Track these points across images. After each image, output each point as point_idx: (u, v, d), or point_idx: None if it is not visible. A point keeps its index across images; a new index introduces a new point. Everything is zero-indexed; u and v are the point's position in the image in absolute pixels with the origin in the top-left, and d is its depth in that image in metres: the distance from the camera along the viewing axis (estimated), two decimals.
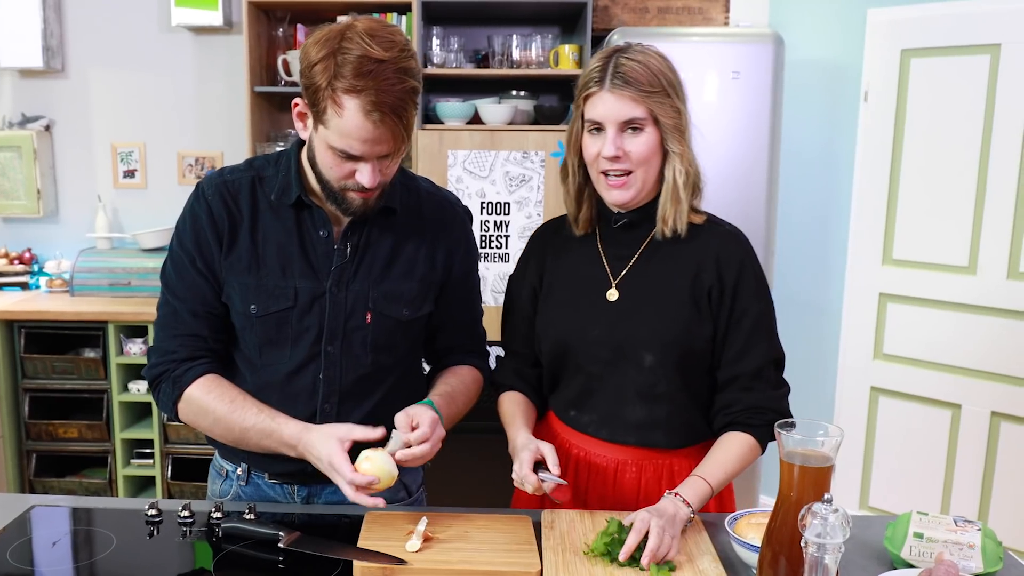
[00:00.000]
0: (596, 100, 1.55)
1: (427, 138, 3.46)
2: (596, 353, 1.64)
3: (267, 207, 1.60)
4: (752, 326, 1.60)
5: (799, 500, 1.20)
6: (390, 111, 1.39)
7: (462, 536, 1.48)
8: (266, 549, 1.46)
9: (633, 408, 1.64)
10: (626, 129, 1.54)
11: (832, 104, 3.73)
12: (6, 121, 3.98)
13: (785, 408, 1.62)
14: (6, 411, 3.61)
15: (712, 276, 1.60)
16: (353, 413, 1.63)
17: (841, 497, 3.78)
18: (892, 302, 3.62)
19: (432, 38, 3.59)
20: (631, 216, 1.64)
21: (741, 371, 1.60)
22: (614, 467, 1.67)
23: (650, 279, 1.63)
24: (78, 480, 3.71)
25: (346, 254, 1.59)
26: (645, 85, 1.51)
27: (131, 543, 1.51)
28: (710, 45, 3.29)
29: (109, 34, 3.96)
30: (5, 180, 3.95)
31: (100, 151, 4.05)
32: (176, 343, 1.61)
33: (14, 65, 3.85)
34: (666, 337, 1.59)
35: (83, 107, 4.03)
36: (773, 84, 3.29)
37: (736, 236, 1.65)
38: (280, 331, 1.59)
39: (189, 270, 1.59)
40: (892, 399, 3.65)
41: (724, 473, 1.55)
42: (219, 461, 1.75)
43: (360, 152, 1.43)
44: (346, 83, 1.37)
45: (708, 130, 3.22)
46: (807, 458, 1.22)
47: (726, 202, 3.29)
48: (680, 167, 1.57)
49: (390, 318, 1.62)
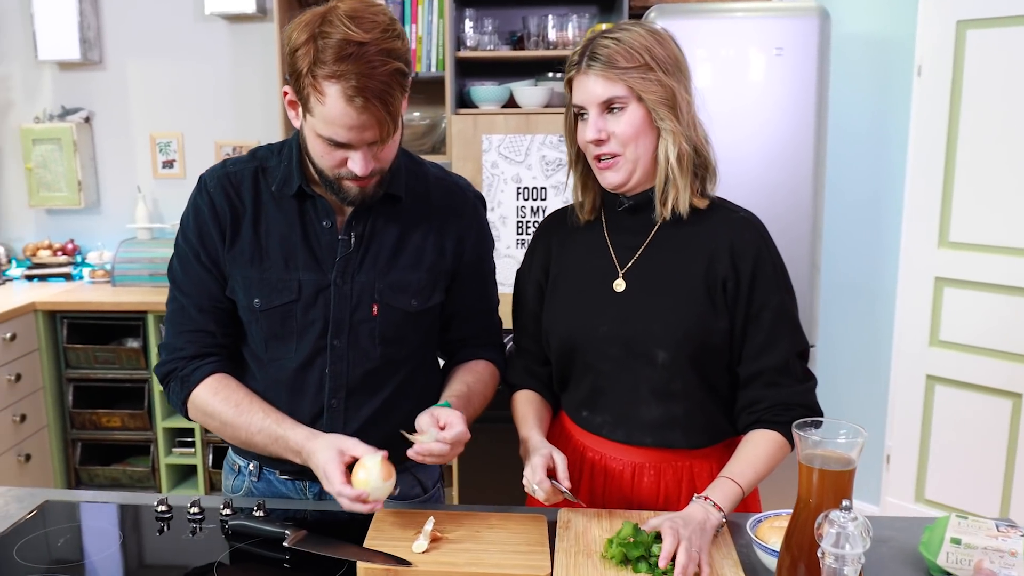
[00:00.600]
0: (577, 84, 1.50)
1: (461, 123, 3.40)
2: (605, 350, 1.55)
3: (270, 198, 1.55)
4: (773, 318, 1.50)
5: (818, 506, 1.12)
6: (373, 96, 1.32)
7: (472, 536, 1.42)
8: (273, 547, 1.42)
9: (648, 407, 1.55)
10: (608, 110, 1.48)
11: (883, 80, 3.57)
12: (47, 114, 4.01)
13: (813, 402, 1.52)
14: (51, 400, 3.65)
15: (726, 267, 1.50)
16: (362, 408, 1.58)
17: (895, 490, 3.64)
18: (949, 286, 3.46)
19: (465, 20, 3.52)
20: (633, 200, 1.55)
21: (765, 366, 1.50)
22: (631, 470, 1.58)
23: (659, 268, 1.54)
24: (122, 468, 3.74)
25: (350, 244, 1.54)
26: (622, 62, 1.44)
27: (138, 539, 1.50)
28: (752, 21, 3.16)
29: (145, 24, 3.96)
30: (47, 172, 3.98)
31: (139, 142, 4.06)
32: (183, 340, 1.58)
33: (53, 58, 3.87)
34: (679, 332, 1.50)
35: (121, 98, 4.04)
36: (819, 60, 3.14)
37: (750, 222, 1.55)
38: (284, 325, 1.55)
39: (194, 264, 1.56)
40: (949, 388, 3.49)
41: (754, 473, 1.46)
42: (232, 456, 1.71)
43: (346, 139, 1.37)
44: (327, 69, 1.31)
45: (751, 109, 3.18)
46: (827, 460, 1.13)
47: (771, 183, 3.18)
48: (672, 145, 1.48)
49: (398, 310, 1.56)
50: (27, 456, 3.49)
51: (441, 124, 3.63)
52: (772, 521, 1.38)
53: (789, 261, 3.12)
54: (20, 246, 4.13)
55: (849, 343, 3.77)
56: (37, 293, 3.72)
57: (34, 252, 4.02)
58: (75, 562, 1.40)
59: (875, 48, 3.58)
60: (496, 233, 3.42)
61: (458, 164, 3.41)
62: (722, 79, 3.15)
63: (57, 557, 1.42)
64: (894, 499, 3.66)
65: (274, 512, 1.54)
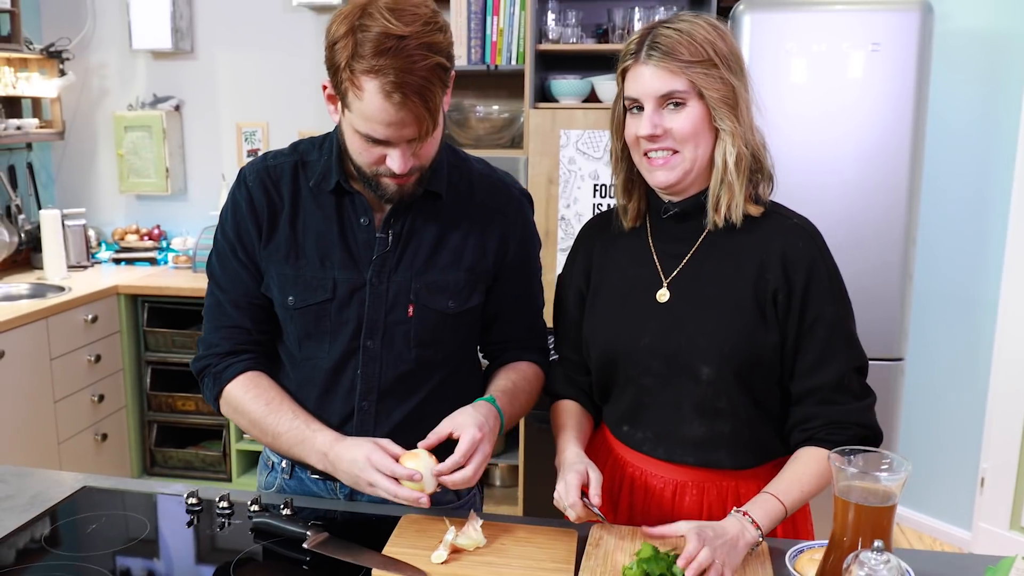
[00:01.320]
0: (632, 75, 1.39)
1: (539, 117, 3.32)
2: (647, 364, 1.46)
3: (308, 193, 1.51)
4: (828, 333, 1.39)
5: (852, 545, 1.01)
6: (412, 92, 1.26)
7: (497, 549, 1.35)
8: (294, 547, 1.39)
9: (691, 425, 1.45)
10: (666, 104, 1.37)
11: (991, 78, 3.34)
12: (139, 102, 4.11)
13: (871, 421, 1.40)
14: (130, 382, 3.74)
15: (778, 277, 1.39)
16: (394, 412, 1.52)
17: (989, 516, 3.42)
18: None
19: (547, 13, 3.44)
20: (682, 205, 1.45)
21: (820, 383, 1.39)
22: (672, 488, 1.49)
23: (706, 279, 1.44)
24: (195, 452, 3.80)
25: (388, 243, 1.49)
26: (686, 55, 1.34)
27: (164, 531, 1.48)
28: (848, 14, 2.98)
29: (234, 15, 4.01)
30: (137, 159, 4.07)
31: (226, 130, 4.12)
32: (219, 335, 1.56)
33: (146, 47, 3.96)
34: (725, 347, 1.39)
35: (210, 87, 4.11)
36: (919, 57, 2.95)
37: (804, 230, 1.44)
38: (318, 324, 1.50)
39: (231, 260, 1.53)
40: None
41: (800, 492, 1.35)
42: (267, 452, 1.68)
43: (384, 136, 1.32)
44: (365, 63, 1.25)
45: (845, 107, 3.01)
46: (865, 494, 1.02)
47: (864, 185, 3.01)
48: (731, 147, 1.37)
49: (434, 311, 1.50)
50: (104, 435, 3.58)
51: (520, 118, 3.56)
52: (814, 552, 1.26)
53: (879, 267, 3.02)
54: (110, 230, 4.24)
55: (944, 357, 3.55)
56: (122, 277, 3.81)
57: (122, 236, 4.12)
58: (99, 551, 1.39)
59: (984, 44, 3.35)
60: (571, 230, 3.34)
61: (535, 159, 3.34)
62: (814, 75, 2.99)
63: (82, 544, 1.41)
64: (987, 525, 3.43)
65: (304, 511, 1.51)
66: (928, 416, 3.60)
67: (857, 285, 3.00)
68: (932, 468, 3.64)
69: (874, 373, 3.03)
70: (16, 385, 3.14)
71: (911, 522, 3.70)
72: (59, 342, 3.33)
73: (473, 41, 3.45)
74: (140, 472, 3.83)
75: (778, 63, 3.01)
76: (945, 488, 3.60)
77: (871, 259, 3.06)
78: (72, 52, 4.03)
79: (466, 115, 3.58)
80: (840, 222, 3.04)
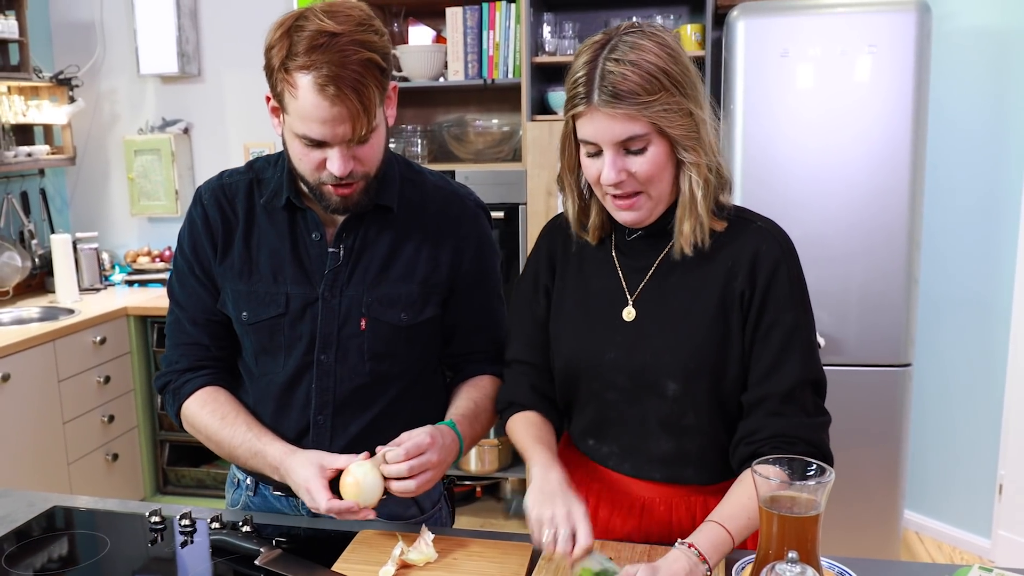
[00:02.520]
0: (585, 120, 1.28)
1: (536, 129, 3.32)
2: (612, 379, 1.41)
3: (262, 210, 1.53)
4: (784, 339, 1.32)
5: (778, 555, 0.98)
6: (346, 86, 1.27)
7: (448, 564, 1.34)
8: (251, 564, 1.38)
9: (657, 441, 1.41)
10: (627, 147, 1.28)
11: (997, 77, 3.28)
12: (149, 125, 4.17)
13: (821, 440, 1.32)
14: (141, 403, 3.78)
15: (744, 279, 1.34)
16: (350, 426, 1.52)
17: (1008, 523, 3.33)
18: None
19: (543, 25, 3.44)
20: (648, 229, 1.39)
21: (769, 392, 1.32)
22: (640, 505, 1.45)
23: (671, 294, 1.39)
24: (207, 470, 3.83)
25: (339, 257, 1.49)
26: (642, 94, 1.24)
27: (123, 549, 1.48)
28: (843, 17, 2.94)
29: (240, 38, 4.06)
30: (147, 182, 4.14)
31: (234, 151, 4.16)
32: (179, 352, 1.58)
33: (154, 72, 4.02)
34: (691, 363, 1.35)
35: (218, 110, 4.16)
36: (917, 57, 2.90)
37: (770, 232, 1.38)
38: (273, 339, 1.51)
39: (189, 278, 1.55)
40: None
41: (747, 519, 1.26)
42: (233, 469, 1.69)
43: (320, 135, 1.32)
44: (299, 60, 1.28)
45: (843, 110, 2.97)
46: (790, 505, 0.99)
47: (864, 188, 2.98)
48: (697, 178, 1.30)
49: (387, 324, 1.50)
50: (115, 456, 3.62)
51: (518, 131, 3.56)
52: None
53: (885, 272, 2.97)
54: (123, 253, 4.30)
55: (958, 362, 3.47)
56: (134, 298, 3.86)
57: (134, 259, 4.18)
58: (52, 571, 1.40)
59: (989, 42, 3.29)
60: None
61: (534, 171, 3.33)
62: (810, 79, 2.96)
63: (42, 563, 1.42)
64: (1007, 532, 3.35)
65: (267, 528, 1.51)
66: (943, 423, 3.52)
67: (863, 290, 3.01)
68: (949, 476, 3.56)
69: (881, 379, 3.05)
70: (24, 407, 3.19)
71: (930, 531, 3.62)
72: (67, 364, 3.38)
73: (470, 56, 3.46)
74: (153, 492, 3.86)
75: (774, 68, 2.98)
76: (963, 496, 3.52)
77: (876, 264, 3.01)
78: (82, 79, 4.11)
79: (465, 129, 3.59)
80: (844, 227, 3.00)
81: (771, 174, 3.02)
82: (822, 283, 3.01)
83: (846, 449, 2.96)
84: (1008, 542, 3.34)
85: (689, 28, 3.33)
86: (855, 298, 3.04)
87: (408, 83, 3.54)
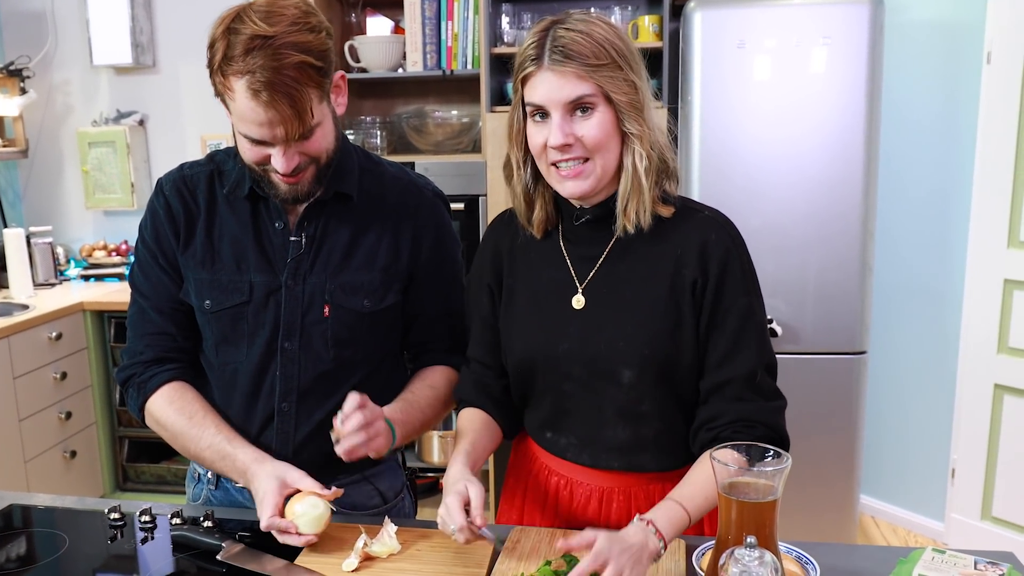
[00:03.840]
0: (535, 81, 1.32)
1: (496, 121, 3.32)
2: (567, 370, 1.43)
3: (224, 200, 1.54)
4: (739, 324, 1.36)
5: (737, 540, 1.00)
6: (278, 92, 1.29)
7: (411, 556, 1.35)
8: (212, 559, 1.38)
9: (614, 430, 1.43)
10: (574, 111, 1.31)
11: (949, 69, 3.34)
12: (103, 117, 4.10)
13: (779, 423, 1.36)
14: (99, 398, 3.73)
15: (695, 268, 1.37)
16: (315, 413, 1.54)
17: (961, 507, 3.41)
18: (1019, 289, 3.21)
19: (501, 16, 3.44)
20: (594, 212, 1.41)
21: (729, 377, 1.35)
22: (599, 495, 1.47)
23: (621, 282, 1.41)
24: (167, 466, 3.79)
25: (301, 246, 1.51)
26: (591, 58, 1.28)
27: (83, 547, 1.47)
28: (798, 8, 2.98)
29: (195, 28, 3.95)
30: (102, 175, 4.07)
31: (191, 143, 4.12)
32: (143, 343, 1.57)
33: (107, 63, 3.96)
34: (645, 349, 1.37)
35: (174, 101, 4.10)
36: (871, 49, 2.95)
37: (717, 221, 1.41)
38: (236, 327, 1.52)
39: (153, 267, 1.55)
40: (1019, 398, 3.24)
41: (704, 499, 1.29)
42: (194, 464, 1.68)
43: (259, 136, 1.34)
44: (235, 65, 1.29)
45: (799, 101, 3.01)
46: (746, 490, 1.01)
47: (819, 179, 3.02)
48: (640, 150, 1.33)
49: (350, 311, 1.52)
50: (73, 453, 3.57)
51: (478, 122, 3.56)
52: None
53: (840, 261, 3.02)
54: (78, 247, 4.24)
55: (911, 350, 3.54)
56: (90, 293, 3.80)
57: (90, 253, 4.12)
58: (10, 570, 1.38)
59: (941, 34, 3.35)
60: None
61: (493, 162, 3.33)
62: (765, 70, 3.00)
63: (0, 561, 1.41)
64: (959, 516, 3.43)
65: (229, 522, 1.50)
66: (897, 409, 3.59)
67: (819, 280, 3.05)
68: (903, 461, 3.64)
69: (837, 367, 3.10)
70: None
71: (885, 515, 3.69)
72: (22, 360, 3.32)
73: (428, 47, 3.45)
74: (112, 489, 3.82)
75: (731, 60, 3.01)
76: (916, 481, 3.60)
77: (832, 253, 3.06)
78: (33, 70, 4.03)
79: (424, 121, 3.58)
80: (800, 217, 3.05)
81: (728, 164, 3.05)
82: (779, 272, 3.06)
83: (803, 436, 3.02)
84: (960, 524, 3.42)
85: (647, 19, 3.35)
86: (811, 287, 3.08)
87: (367, 74, 3.52)
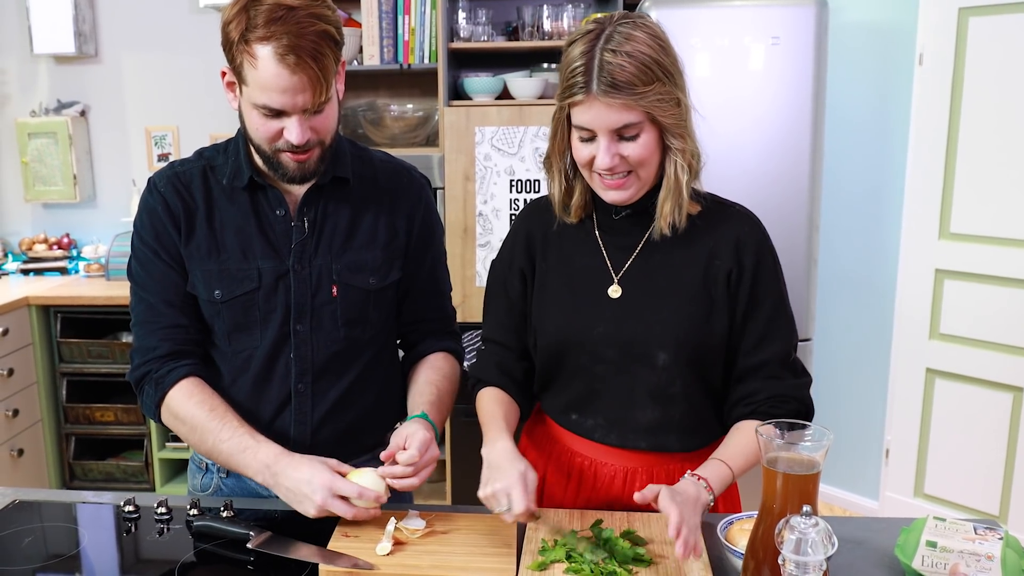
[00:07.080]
0: (583, 108, 1.36)
1: (453, 115, 3.36)
2: (602, 352, 1.49)
3: (221, 193, 1.57)
4: (773, 311, 1.48)
5: (782, 511, 1.08)
6: (306, 55, 1.34)
7: (440, 539, 1.40)
8: (238, 548, 1.40)
9: (644, 411, 1.50)
10: (621, 135, 1.37)
11: (884, 68, 3.52)
12: (43, 107, 4.00)
13: (808, 399, 1.49)
14: (45, 395, 3.64)
15: (729, 260, 1.46)
16: (329, 392, 1.59)
17: (895, 485, 3.60)
18: (949, 278, 3.41)
19: (458, 11, 3.48)
20: (633, 207, 1.48)
21: (766, 358, 1.47)
22: (623, 475, 1.54)
23: (656, 273, 1.49)
24: (116, 463, 3.73)
25: (304, 230, 1.56)
26: (638, 85, 1.32)
27: (103, 541, 1.48)
28: (748, 10, 3.11)
29: (139, 17, 3.94)
30: (42, 167, 3.97)
31: (134, 135, 4.04)
32: (156, 338, 1.57)
33: (48, 51, 3.85)
34: (680, 333, 1.46)
35: (116, 91, 4.02)
36: (816, 49, 3.10)
37: (750, 217, 1.52)
38: (247, 314, 1.55)
39: (156, 263, 1.56)
40: (949, 381, 3.45)
41: (745, 460, 1.42)
42: (198, 455, 1.69)
43: (280, 104, 1.38)
44: (259, 32, 1.34)
45: (747, 100, 3.13)
46: (791, 464, 1.10)
47: (768, 175, 3.14)
48: (682, 163, 1.40)
49: (358, 289, 1.58)
50: (20, 451, 3.48)
51: (434, 116, 3.59)
52: (743, 523, 1.34)
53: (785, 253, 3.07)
54: (16, 240, 4.12)
55: (848, 337, 3.72)
56: (32, 288, 3.71)
57: (30, 246, 4.01)
58: (34, 564, 1.38)
59: (876, 36, 3.52)
60: (488, 226, 3.39)
61: (451, 156, 3.37)
62: (718, 69, 3.11)
63: (21, 558, 1.40)
64: (893, 494, 3.62)
65: (244, 512, 1.52)
66: (834, 393, 3.76)
67: None
68: (839, 442, 3.81)
69: None
70: None
71: (822, 495, 3.87)
72: None
73: (385, 40, 3.47)
74: (59, 486, 3.73)
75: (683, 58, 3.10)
76: (852, 461, 3.78)
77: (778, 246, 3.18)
78: None
79: (381, 114, 3.60)
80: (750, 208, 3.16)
81: None
82: None
83: None
84: (895, 502, 3.61)
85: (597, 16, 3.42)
86: None
87: None
